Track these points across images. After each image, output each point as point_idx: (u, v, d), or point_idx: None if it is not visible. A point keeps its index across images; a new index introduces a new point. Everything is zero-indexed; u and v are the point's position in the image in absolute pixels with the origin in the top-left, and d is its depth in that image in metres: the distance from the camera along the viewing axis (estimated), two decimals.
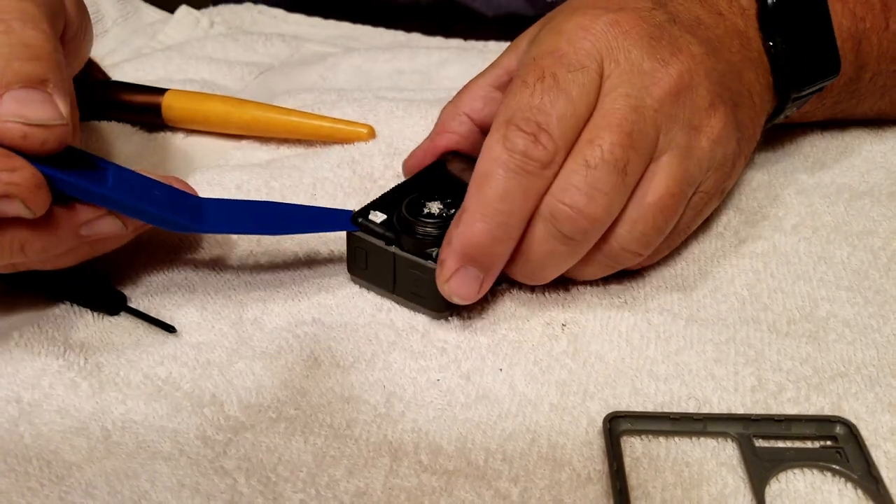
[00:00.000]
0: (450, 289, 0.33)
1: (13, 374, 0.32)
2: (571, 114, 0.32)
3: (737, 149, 0.36)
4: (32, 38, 0.32)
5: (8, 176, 0.29)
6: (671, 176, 0.33)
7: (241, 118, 0.48)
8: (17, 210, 0.30)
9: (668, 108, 0.33)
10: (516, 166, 0.32)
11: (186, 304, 0.36)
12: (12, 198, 0.29)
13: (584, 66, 0.33)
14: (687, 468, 0.29)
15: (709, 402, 0.32)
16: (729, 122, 0.35)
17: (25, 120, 0.30)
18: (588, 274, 0.36)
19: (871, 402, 0.31)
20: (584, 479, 0.29)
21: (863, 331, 0.35)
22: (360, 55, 0.60)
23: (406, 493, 0.28)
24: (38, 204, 0.30)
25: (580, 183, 0.32)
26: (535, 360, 0.33)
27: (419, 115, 0.49)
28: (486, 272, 0.33)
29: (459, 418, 0.31)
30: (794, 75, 0.39)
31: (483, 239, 0.32)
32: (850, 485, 0.28)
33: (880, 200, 0.42)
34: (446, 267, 0.33)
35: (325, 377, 0.33)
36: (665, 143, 0.33)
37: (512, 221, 0.32)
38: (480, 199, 0.32)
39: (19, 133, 0.30)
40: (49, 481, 0.28)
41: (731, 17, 0.38)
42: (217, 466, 0.29)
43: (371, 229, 0.35)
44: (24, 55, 0.31)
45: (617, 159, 0.32)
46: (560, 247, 0.33)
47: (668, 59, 0.34)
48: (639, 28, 0.34)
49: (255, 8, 0.71)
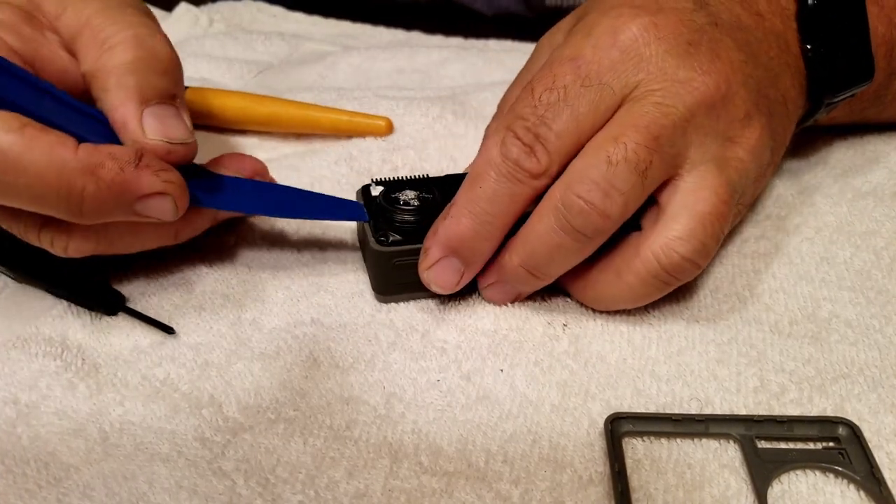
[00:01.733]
0: (430, 276, 0.34)
1: (11, 376, 0.32)
2: (573, 130, 0.32)
3: (770, 158, 0.36)
4: (162, 51, 0.34)
5: (166, 175, 0.32)
6: (717, 184, 0.32)
7: (258, 113, 0.48)
8: (165, 208, 0.32)
9: (702, 119, 0.32)
10: (508, 172, 0.32)
11: (185, 305, 0.36)
12: (166, 196, 0.32)
13: (601, 83, 0.32)
14: (689, 470, 0.29)
15: (711, 403, 0.31)
16: (764, 133, 0.34)
17: (168, 139, 0.32)
18: (641, 298, 0.34)
19: (874, 403, 0.31)
20: (586, 481, 0.28)
21: (865, 332, 0.35)
22: (360, 54, 0.60)
23: (406, 494, 0.28)
24: (184, 204, 0.33)
25: (599, 178, 0.31)
26: (536, 360, 0.33)
27: (419, 113, 0.49)
28: (467, 265, 0.34)
29: (460, 419, 0.31)
30: (829, 80, 0.38)
31: (467, 234, 0.33)
32: (853, 486, 0.28)
33: (883, 200, 0.42)
34: (430, 255, 0.34)
35: (325, 378, 0.32)
36: (699, 155, 0.33)
37: (497, 222, 0.33)
38: (470, 195, 0.33)
39: (164, 150, 0.32)
40: (47, 483, 0.28)
41: (771, 18, 0.37)
42: (215, 468, 0.29)
43: (366, 196, 0.37)
44: (158, 69, 0.33)
45: (640, 160, 0.31)
46: (568, 241, 0.32)
47: (705, 67, 0.33)
48: (677, 33, 0.33)
49: (255, 5, 0.71)
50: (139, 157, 0.31)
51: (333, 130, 0.48)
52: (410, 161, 0.46)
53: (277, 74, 0.59)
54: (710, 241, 0.32)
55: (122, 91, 0.32)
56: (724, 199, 0.32)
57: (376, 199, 0.37)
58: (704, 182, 0.32)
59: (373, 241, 0.35)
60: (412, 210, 0.36)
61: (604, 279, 0.34)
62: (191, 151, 0.34)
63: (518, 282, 0.34)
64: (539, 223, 0.32)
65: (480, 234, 0.33)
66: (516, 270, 0.34)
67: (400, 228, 0.35)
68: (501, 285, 0.35)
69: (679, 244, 0.32)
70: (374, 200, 0.37)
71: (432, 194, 0.37)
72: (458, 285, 0.34)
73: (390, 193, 0.37)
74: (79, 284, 0.35)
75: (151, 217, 0.32)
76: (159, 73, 0.33)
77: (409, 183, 0.38)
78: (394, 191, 0.37)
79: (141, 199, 0.32)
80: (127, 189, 0.31)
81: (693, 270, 0.33)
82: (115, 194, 0.31)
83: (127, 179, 0.31)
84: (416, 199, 0.36)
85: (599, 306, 0.35)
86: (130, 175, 0.31)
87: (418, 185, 0.37)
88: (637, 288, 0.33)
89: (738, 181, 0.33)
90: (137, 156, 0.31)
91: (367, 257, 0.37)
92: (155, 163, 0.32)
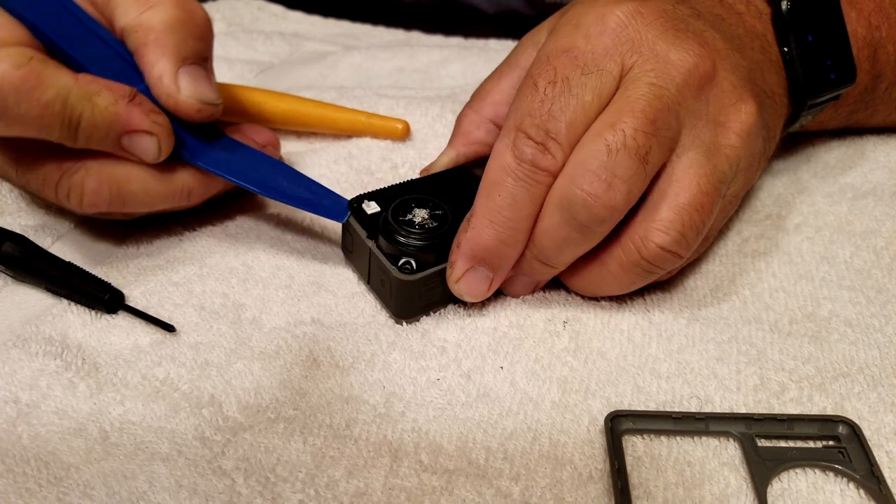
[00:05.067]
0: (461, 289, 0.34)
1: (11, 375, 0.32)
2: (582, 120, 0.32)
3: (762, 148, 0.36)
4: (199, 14, 0.37)
5: (156, 116, 0.35)
6: (702, 173, 0.32)
7: (278, 109, 0.48)
8: (148, 147, 0.34)
9: (692, 101, 0.32)
10: (525, 175, 0.32)
11: (185, 304, 0.36)
12: (152, 135, 0.34)
13: (599, 69, 0.32)
14: (689, 467, 0.29)
15: (711, 402, 0.31)
16: (756, 120, 0.34)
17: (200, 98, 0.35)
18: (625, 285, 0.34)
19: (874, 401, 0.31)
20: (586, 478, 0.28)
21: (865, 331, 0.34)
22: (360, 53, 0.60)
23: (406, 492, 0.28)
24: (168, 147, 0.35)
25: (600, 169, 0.31)
26: (537, 357, 0.33)
27: (420, 112, 0.49)
28: (495, 272, 0.34)
29: (460, 417, 0.31)
30: (809, 81, 0.38)
31: (491, 243, 0.33)
32: (853, 485, 0.28)
33: (883, 200, 0.42)
34: (457, 268, 0.33)
35: (325, 377, 0.32)
36: (689, 140, 0.32)
37: (520, 227, 0.32)
38: (489, 205, 0.32)
39: (195, 108, 0.35)
40: (47, 482, 0.28)
41: (749, 19, 0.37)
42: (215, 467, 0.29)
43: (360, 217, 0.36)
44: (195, 32, 0.36)
45: (639, 146, 0.31)
46: (574, 234, 0.32)
47: (695, 49, 0.33)
48: (662, 20, 0.33)
49: (255, 4, 0.71)
50: (133, 95, 0.34)
51: (350, 131, 0.48)
52: (410, 160, 0.46)
53: (278, 74, 0.59)
54: (690, 232, 0.32)
55: (161, 48, 0.35)
56: (706, 190, 0.32)
57: (381, 218, 0.35)
58: (690, 170, 0.32)
59: (394, 270, 0.33)
60: (426, 232, 0.34)
61: (589, 266, 0.34)
62: (217, 112, 0.36)
63: (534, 273, 0.35)
64: (546, 219, 0.32)
65: (504, 241, 0.33)
66: (531, 264, 0.34)
67: (415, 250, 0.34)
68: (520, 278, 0.35)
69: (657, 235, 0.32)
70: (375, 219, 0.35)
71: (441, 210, 0.36)
72: (489, 291, 0.34)
73: (398, 214, 0.35)
74: (79, 283, 0.35)
75: (135, 154, 0.35)
76: (196, 36, 0.36)
77: (400, 191, 0.37)
78: (392, 204, 0.35)
79: (128, 134, 0.34)
80: (117, 121, 0.33)
81: (673, 260, 0.33)
82: (108, 123, 0.33)
83: (119, 112, 0.33)
84: (429, 218, 0.35)
85: (587, 292, 0.35)
86: (123, 108, 0.34)
87: (421, 201, 0.36)
88: (620, 275, 0.33)
89: (728, 170, 0.33)
90: (132, 93, 0.34)
91: (384, 285, 0.35)
92: (147, 103, 0.34)
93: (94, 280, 0.35)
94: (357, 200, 0.37)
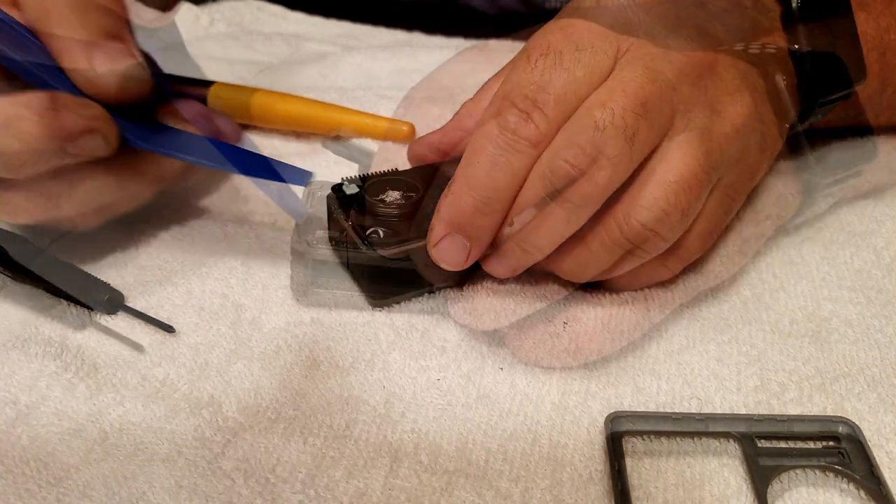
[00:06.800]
0: (437, 254, 0.33)
1: (10, 376, 0.32)
2: (572, 94, 0.31)
3: (761, 143, 0.35)
4: None
5: (87, 111, 0.33)
6: (692, 155, 0.31)
7: (284, 111, 0.48)
8: (96, 144, 0.33)
9: (689, 88, 0.32)
10: (506, 144, 0.31)
11: (184, 305, 0.36)
12: (94, 133, 0.33)
13: (594, 47, 0.32)
14: (689, 468, 0.29)
15: (711, 402, 0.31)
16: (753, 112, 0.34)
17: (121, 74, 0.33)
18: (607, 266, 0.34)
19: (874, 402, 0.31)
20: (586, 479, 0.28)
21: (865, 331, 0.34)
22: (361, 54, 0.60)
23: (406, 493, 0.28)
24: (115, 136, 0.34)
25: (586, 143, 0.30)
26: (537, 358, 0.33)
27: (420, 113, 0.49)
28: (472, 241, 0.33)
29: (460, 418, 0.31)
30: (820, 80, 0.38)
31: (468, 210, 0.32)
32: (853, 485, 0.28)
33: (883, 200, 0.42)
34: (434, 233, 0.33)
35: (325, 378, 0.32)
36: (682, 124, 0.32)
37: (498, 197, 0.32)
38: (468, 171, 0.32)
39: (118, 86, 0.33)
40: (46, 483, 0.28)
41: (755, 14, 0.37)
42: (215, 468, 0.29)
43: (339, 195, 0.36)
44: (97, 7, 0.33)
45: (627, 126, 0.30)
46: (556, 209, 0.31)
47: (694, 37, 0.32)
48: (665, 7, 0.33)
49: (256, 4, 0.71)
50: (54, 101, 0.32)
51: (356, 133, 0.48)
52: None
53: (278, 74, 0.59)
54: (674, 211, 0.31)
55: (66, 29, 0.33)
56: (694, 171, 0.31)
57: (356, 198, 0.36)
58: (680, 151, 0.32)
59: (361, 242, 0.34)
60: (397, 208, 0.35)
61: (573, 247, 0.33)
62: (145, 87, 0.34)
63: (510, 255, 0.34)
64: (527, 190, 0.32)
65: (481, 210, 0.32)
66: (507, 245, 0.33)
67: (383, 224, 0.34)
68: (497, 258, 0.34)
69: (639, 212, 0.31)
70: (352, 198, 0.36)
71: (415, 192, 0.36)
72: (466, 262, 0.33)
73: (373, 194, 0.36)
74: (78, 283, 0.35)
75: (87, 154, 0.33)
76: (101, 12, 0.33)
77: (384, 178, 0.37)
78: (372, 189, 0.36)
79: (69, 141, 0.32)
80: (51, 135, 0.31)
81: (655, 240, 0.32)
82: (41, 144, 0.31)
83: (48, 125, 0.31)
84: (401, 198, 0.36)
85: (572, 277, 0.34)
86: (49, 122, 0.31)
87: (396, 183, 0.37)
88: (602, 256, 0.33)
89: (719, 157, 0.32)
90: (52, 100, 0.32)
91: (356, 264, 0.36)
92: (72, 102, 0.32)
93: (94, 281, 0.35)
94: (340, 183, 0.37)
